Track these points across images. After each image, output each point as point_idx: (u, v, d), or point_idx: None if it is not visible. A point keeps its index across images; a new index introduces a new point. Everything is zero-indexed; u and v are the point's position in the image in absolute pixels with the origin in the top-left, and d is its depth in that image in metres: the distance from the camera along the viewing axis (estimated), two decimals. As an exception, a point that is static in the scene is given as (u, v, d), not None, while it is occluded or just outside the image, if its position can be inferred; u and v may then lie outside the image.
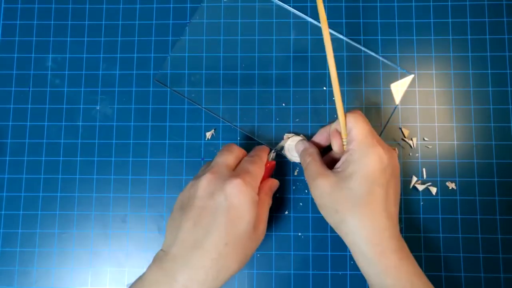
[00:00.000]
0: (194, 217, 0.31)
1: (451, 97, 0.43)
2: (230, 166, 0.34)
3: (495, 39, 0.44)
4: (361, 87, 0.43)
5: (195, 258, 0.30)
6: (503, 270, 0.40)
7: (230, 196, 0.31)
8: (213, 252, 0.30)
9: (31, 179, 0.43)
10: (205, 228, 0.30)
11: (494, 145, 0.42)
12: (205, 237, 0.30)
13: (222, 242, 0.30)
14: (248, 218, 0.31)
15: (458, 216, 0.41)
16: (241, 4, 0.45)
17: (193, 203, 0.32)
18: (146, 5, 0.45)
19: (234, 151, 0.35)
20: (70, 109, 0.44)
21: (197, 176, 0.34)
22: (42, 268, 0.42)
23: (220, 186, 0.31)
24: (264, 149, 0.38)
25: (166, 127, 0.43)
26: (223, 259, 0.30)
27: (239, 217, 0.31)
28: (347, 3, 0.45)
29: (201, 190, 0.32)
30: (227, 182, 0.31)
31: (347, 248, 0.41)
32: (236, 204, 0.31)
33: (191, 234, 0.31)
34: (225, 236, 0.30)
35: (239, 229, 0.31)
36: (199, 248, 0.30)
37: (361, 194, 0.32)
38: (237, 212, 0.31)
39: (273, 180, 0.38)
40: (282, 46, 0.44)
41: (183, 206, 0.32)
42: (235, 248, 0.31)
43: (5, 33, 0.45)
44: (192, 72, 0.44)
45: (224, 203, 0.31)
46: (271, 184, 0.38)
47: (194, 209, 0.31)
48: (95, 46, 0.45)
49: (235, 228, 0.31)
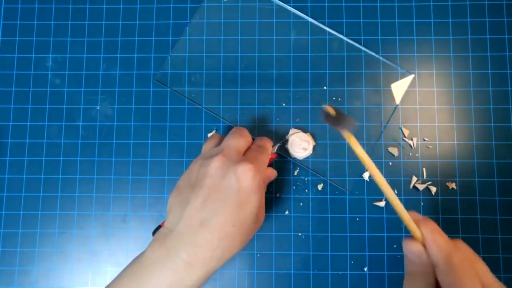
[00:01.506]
0: (204, 195, 0.31)
1: (451, 97, 0.43)
2: (240, 151, 0.34)
3: (495, 39, 0.44)
4: (361, 87, 0.43)
5: (201, 237, 0.30)
6: (503, 270, 0.40)
7: (241, 179, 0.31)
8: (221, 232, 0.30)
9: (31, 179, 0.43)
10: (214, 208, 0.31)
11: (494, 145, 0.42)
12: (214, 216, 0.30)
13: (230, 223, 0.30)
14: (255, 202, 0.32)
15: (458, 216, 0.41)
16: (241, 4, 0.45)
17: (204, 182, 0.31)
18: (146, 5, 0.45)
19: (245, 136, 0.35)
20: (70, 109, 0.44)
21: (205, 156, 0.33)
22: (42, 268, 0.42)
23: (232, 168, 0.31)
24: (269, 140, 0.38)
25: (166, 127, 0.43)
26: (229, 240, 0.31)
27: (247, 200, 0.31)
28: (347, 3, 0.45)
29: (213, 169, 0.32)
30: (239, 165, 0.31)
31: (347, 248, 0.41)
32: (246, 187, 0.31)
33: (199, 213, 0.31)
34: (233, 217, 0.31)
35: (246, 212, 0.31)
36: (206, 227, 0.30)
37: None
38: (246, 195, 0.31)
39: (272, 170, 0.39)
40: (282, 46, 0.44)
41: (191, 184, 0.32)
42: (241, 229, 0.31)
43: (5, 33, 0.45)
44: (192, 72, 0.44)
45: (235, 185, 0.31)
46: (270, 173, 0.38)
47: (204, 187, 0.31)
48: (95, 46, 0.45)
49: (243, 211, 0.31)
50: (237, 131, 0.36)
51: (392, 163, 0.42)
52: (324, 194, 0.42)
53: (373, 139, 0.42)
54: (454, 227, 0.41)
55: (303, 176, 0.42)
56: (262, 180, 0.33)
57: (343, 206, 0.42)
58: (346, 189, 0.42)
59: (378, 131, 0.42)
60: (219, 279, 0.41)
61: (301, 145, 0.41)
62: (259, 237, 0.42)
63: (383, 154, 0.42)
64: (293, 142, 0.41)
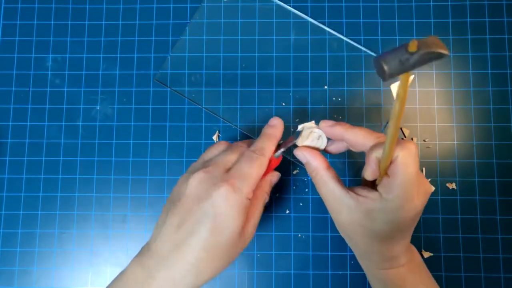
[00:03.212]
0: (179, 217, 0.30)
1: (451, 97, 0.43)
2: (227, 167, 0.32)
3: (495, 39, 0.44)
4: (361, 87, 0.43)
5: (173, 259, 0.29)
6: (503, 270, 0.40)
7: (216, 204, 0.29)
8: (192, 257, 0.29)
9: (31, 179, 0.43)
10: (187, 231, 0.30)
11: (494, 145, 0.42)
12: (187, 240, 0.29)
13: (202, 249, 0.29)
14: (233, 227, 0.30)
15: (458, 216, 0.41)
16: (241, 4, 0.45)
17: (180, 202, 0.31)
18: (146, 5, 0.45)
19: (238, 151, 0.33)
20: (70, 109, 0.44)
21: (189, 170, 0.33)
22: (42, 268, 0.42)
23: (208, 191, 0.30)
24: (273, 137, 0.34)
25: (166, 127, 0.43)
26: (203, 265, 0.30)
27: (223, 226, 0.30)
28: (347, 3, 0.45)
29: (190, 189, 0.31)
30: (215, 188, 0.30)
31: (347, 248, 0.41)
32: (222, 212, 0.29)
33: (173, 234, 0.30)
34: (206, 243, 0.29)
35: (222, 238, 0.30)
36: (179, 250, 0.29)
37: (382, 236, 0.31)
38: (222, 220, 0.29)
39: (273, 173, 0.36)
40: (282, 46, 0.44)
41: (172, 201, 0.32)
42: (216, 255, 0.30)
43: (5, 33, 0.45)
44: (192, 72, 0.44)
45: (210, 210, 0.29)
46: (271, 179, 0.35)
47: (180, 209, 0.30)
48: (95, 46, 0.45)
49: (218, 236, 0.29)
50: (232, 146, 0.34)
51: (392, 163, 0.42)
52: (324, 194, 0.42)
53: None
54: (454, 227, 0.41)
55: (303, 176, 0.42)
56: (248, 195, 0.31)
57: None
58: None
59: (378, 131, 0.42)
60: (219, 279, 0.41)
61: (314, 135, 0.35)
62: (259, 237, 0.42)
63: (383, 154, 0.42)
64: (304, 136, 0.35)
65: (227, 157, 0.32)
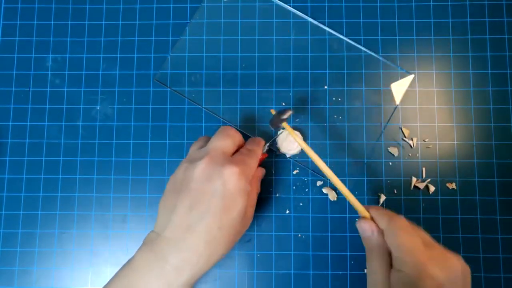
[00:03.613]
0: (190, 200, 0.31)
1: (451, 97, 0.43)
2: (226, 152, 0.34)
3: (495, 39, 0.44)
4: (361, 87, 0.43)
5: (189, 241, 0.30)
6: (503, 270, 0.40)
7: (227, 182, 0.31)
8: (207, 236, 0.30)
9: (31, 179, 0.43)
10: (200, 212, 0.31)
11: (494, 145, 0.42)
12: (200, 220, 0.31)
13: (216, 226, 0.31)
14: (241, 205, 0.32)
15: (458, 216, 0.41)
16: (241, 4, 0.45)
17: (189, 186, 0.32)
18: (146, 5, 0.45)
19: (232, 135, 0.35)
20: (70, 109, 0.44)
21: (191, 159, 0.33)
22: (42, 268, 0.42)
23: (218, 171, 0.31)
24: (260, 142, 0.38)
25: (166, 127, 0.43)
26: (216, 243, 0.31)
27: (233, 203, 0.31)
28: (347, 3, 0.45)
29: (198, 173, 0.32)
30: (225, 168, 0.31)
31: (347, 248, 0.41)
32: (232, 191, 0.31)
33: (185, 218, 0.31)
34: (219, 220, 0.31)
35: (232, 215, 0.31)
36: (193, 232, 0.30)
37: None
38: (231, 198, 0.31)
39: (261, 169, 0.39)
40: (282, 46, 0.44)
41: (177, 188, 0.32)
42: (228, 232, 0.31)
43: (5, 33, 0.45)
44: (192, 72, 0.44)
45: (220, 188, 0.31)
46: (260, 173, 0.39)
47: (190, 192, 0.31)
48: (95, 46, 0.45)
49: (229, 214, 0.31)
50: (223, 131, 0.35)
51: (392, 163, 0.42)
52: (324, 194, 0.42)
53: (373, 139, 0.42)
54: (454, 227, 0.41)
55: (303, 176, 0.42)
56: (249, 182, 0.33)
57: (343, 206, 0.42)
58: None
59: (378, 131, 0.42)
60: (219, 279, 0.41)
61: (291, 141, 0.41)
62: (259, 237, 0.42)
63: (383, 154, 0.42)
64: (283, 139, 0.41)
65: (224, 143, 0.34)
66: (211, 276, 0.41)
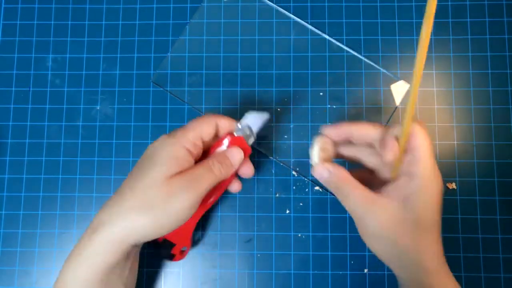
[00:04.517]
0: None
1: (451, 97, 0.43)
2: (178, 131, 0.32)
3: (495, 39, 0.44)
4: (361, 87, 0.43)
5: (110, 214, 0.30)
6: (503, 270, 0.40)
7: (152, 146, 0.32)
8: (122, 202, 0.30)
9: (31, 179, 0.43)
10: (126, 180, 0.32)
11: (494, 145, 0.42)
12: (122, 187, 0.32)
13: (128, 188, 0.31)
14: (161, 167, 0.30)
15: (458, 216, 0.41)
16: (241, 4, 0.45)
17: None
18: (146, 5, 0.45)
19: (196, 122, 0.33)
20: (70, 109, 0.44)
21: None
22: (42, 268, 0.42)
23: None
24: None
25: (166, 127, 0.43)
26: (132, 213, 0.29)
27: (153, 165, 0.30)
28: (347, 3, 0.45)
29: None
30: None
31: (347, 248, 0.41)
32: (150, 150, 0.32)
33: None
34: (134, 177, 0.31)
35: (145, 174, 0.30)
36: (115, 201, 0.31)
37: (426, 226, 0.29)
38: (149, 157, 0.31)
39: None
40: (282, 46, 0.44)
41: None
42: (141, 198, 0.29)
43: (5, 33, 0.45)
44: (192, 72, 0.44)
45: (147, 152, 0.32)
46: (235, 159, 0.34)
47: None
48: (95, 46, 0.45)
49: (146, 176, 0.30)
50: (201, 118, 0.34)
51: (392, 163, 0.42)
52: (324, 194, 0.42)
53: (373, 139, 0.42)
54: (454, 227, 0.41)
55: (303, 176, 0.42)
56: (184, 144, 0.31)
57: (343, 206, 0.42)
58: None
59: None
60: (219, 279, 0.41)
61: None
62: (259, 237, 0.42)
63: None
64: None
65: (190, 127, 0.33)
66: (211, 276, 0.41)
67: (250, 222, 0.42)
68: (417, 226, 0.29)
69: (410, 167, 0.29)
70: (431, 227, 0.30)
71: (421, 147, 0.29)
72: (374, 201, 0.30)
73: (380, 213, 0.29)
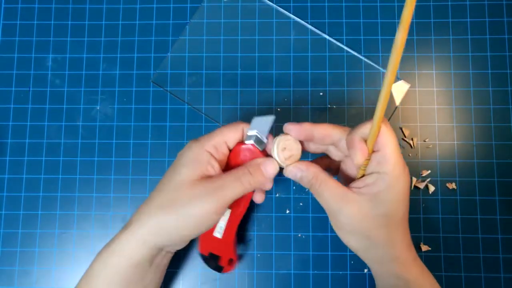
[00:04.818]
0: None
1: (451, 97, 0.43)
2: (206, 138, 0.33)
3: (495, 39, 0.44)
4: (361, 87, 0.43)
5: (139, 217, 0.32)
6: (503, 270, 0.40)
7: (181, 153, 0.33)
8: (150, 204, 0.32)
9: (31, 179, 0.43)
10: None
11: (494, 145, 0.42)
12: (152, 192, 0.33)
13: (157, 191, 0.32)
14: (187, 170, 0.31)
15: (458, 216, 0.41)
16: (241, 4, 0.45)
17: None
18: (146, 5, 0.45)
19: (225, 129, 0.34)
20: (70, 109, 0.44)
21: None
22: (42, 268, 0.42)
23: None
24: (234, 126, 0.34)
25: (166, 127, 0.43)
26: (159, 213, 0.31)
27: (179, 167, 0.32)
28: (347, 3, 0.45)
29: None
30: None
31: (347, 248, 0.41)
32: (179, 154, 0.33)
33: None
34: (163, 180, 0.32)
35: (172, 177, 0.32)
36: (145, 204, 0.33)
37: (396, 220, 0.31)
38: (177, 161, 0.33)
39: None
40: (282, 46, 0.44)
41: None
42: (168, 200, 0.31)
43: (5, 33, 0.45)
44: (192, 72, 0.44)
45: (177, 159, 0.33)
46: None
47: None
48: (95, 46, 0.45)
49: (172, 179, 0.32)
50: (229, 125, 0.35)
51: (392, 163, 0.42)
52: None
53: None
54: (454, 227, 0.41)
55: (303, 176, 0.42)
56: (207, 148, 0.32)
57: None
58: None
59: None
60: (219, 279, 0.41)
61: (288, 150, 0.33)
62: (259, 237, 0.42)
63: (383, 154, 0.42)
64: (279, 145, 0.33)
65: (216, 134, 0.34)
66: (211, 276, 0.41)
67: (250, 222, 0.42)
68: (388, 221, 0.30)
69: (379, 165, 0.30)
70: (401, 221, 0.31)
71: (387, 146, 0.30)
72: (347, 198, 0.31)
73: (353, 209, 0.30)
